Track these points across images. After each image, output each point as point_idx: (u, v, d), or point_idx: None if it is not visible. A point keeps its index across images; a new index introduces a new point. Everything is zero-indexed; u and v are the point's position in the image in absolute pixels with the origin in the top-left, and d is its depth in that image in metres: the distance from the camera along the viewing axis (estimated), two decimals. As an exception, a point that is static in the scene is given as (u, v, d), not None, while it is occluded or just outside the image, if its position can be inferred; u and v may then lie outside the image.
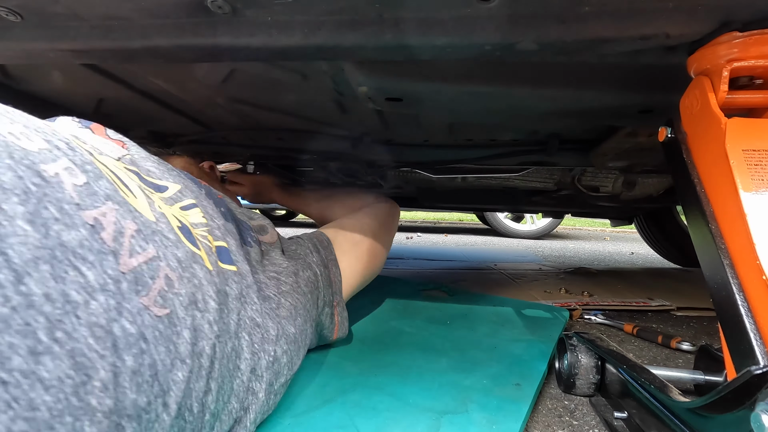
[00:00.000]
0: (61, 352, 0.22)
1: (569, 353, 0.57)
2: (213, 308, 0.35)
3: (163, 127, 0.91)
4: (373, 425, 0.44)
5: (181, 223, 0.37)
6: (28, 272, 0.22)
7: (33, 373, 0.20)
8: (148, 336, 0.27)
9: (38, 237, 0.23)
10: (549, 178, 1.13)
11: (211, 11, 0.40)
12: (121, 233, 0.29)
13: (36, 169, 0.25)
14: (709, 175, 0.38)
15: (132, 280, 0.28)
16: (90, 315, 0.24)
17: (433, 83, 0.60)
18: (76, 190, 0.27)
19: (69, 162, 0.29)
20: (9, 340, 0.20)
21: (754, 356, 0.30)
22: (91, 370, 0.23)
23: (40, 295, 0.22)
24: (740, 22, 0.37)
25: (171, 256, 0.32)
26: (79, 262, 0.25)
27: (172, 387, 0.29)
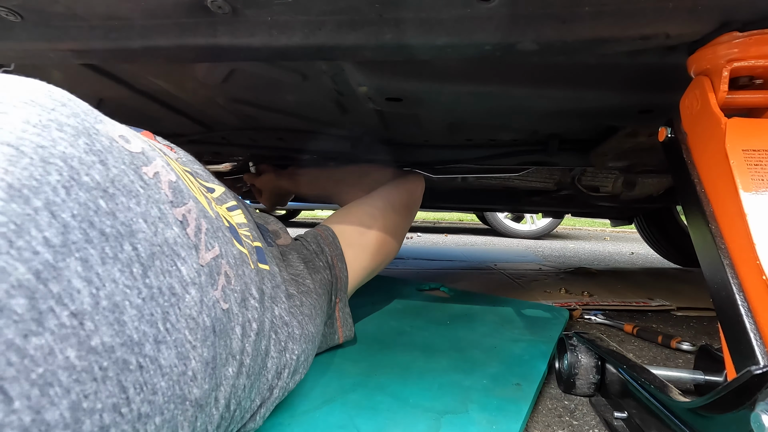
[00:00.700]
0: (170, 341, 0.24)
1: (569, 353, 0.57)
2: (255, 307, 0.36)
3: (163, 127, 0.91)
4: (373, 425, 0.44)
5: (229, 224, 0.39)
6: (150, 266, 0.24)
7: (156, 360, 0.22)
8: (217, 329, 0.29)
9: (151, 234, 0.25)
10: (549, 178, 1.13)
11: (211, 11, 0.40)
12: (200, 229, 0.30)
13: (139, 173, 0.27)
14: (709, 175, 0.38)
15: (208, 274, 0.29)
16: (186, 307, 0.26)
17: (433, 83, 0.60)
18: (171, 187, 0.29)
19: (162, 161, 0.30)
20: (143, 329, 0.22)
21: (754, 356, 0.30)
22: (187, 360, 0.25)
23: (157, 288, 0.24)
24: (740, 22, 0.37)
25: (230, 254, 0.34)
26: (175, 257, 0.26)
27: (223, 382, 0.30)
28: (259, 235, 0.47)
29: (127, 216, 0.24)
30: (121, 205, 0.24)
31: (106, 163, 0.24)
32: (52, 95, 0.26)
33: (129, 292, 0.22)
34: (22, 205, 0.19)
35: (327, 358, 0.61)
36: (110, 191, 0.23)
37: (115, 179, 0.24)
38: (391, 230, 0.72)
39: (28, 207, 0.19)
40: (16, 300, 0.17)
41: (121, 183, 0.25)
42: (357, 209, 0.73)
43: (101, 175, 0.23)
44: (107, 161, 0.25)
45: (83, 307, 0.19)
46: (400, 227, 0.76)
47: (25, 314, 0.17)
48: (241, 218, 0.44)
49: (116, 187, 0.24)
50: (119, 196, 0.24)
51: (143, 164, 0.28)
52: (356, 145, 0.93)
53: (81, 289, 0.20)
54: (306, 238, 0.62)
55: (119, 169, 0.25)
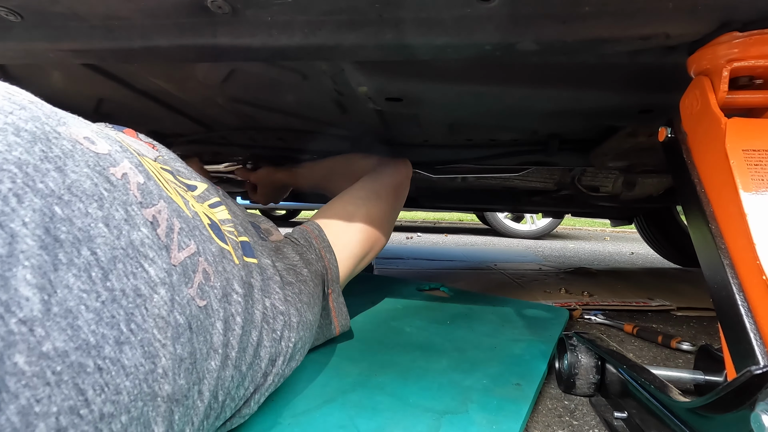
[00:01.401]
0: (135, 341, 0.24)
1: (569, 353, 0.57)
2: (238, 301, 0.37)
3: (163, 127, 0.91)
4: (373, 425, 0.44)
5: (211, 221, 0.40)
6: (111, 269, 0.24)
7: (118, 360, 0.23)
8: (193, 325, 0.29)
9: (113, 238, 0.25)
10: (549, 178, 1.13)
11: (211, 11, 0.40)
12: (171, 229, 0.31)
13: (105, 175, 0.27)
14: (709, 175, 0.38)
15: (181, 273, 0.30)
16: (153, 307, 0.26)
17: (433, 83, 0.60)
18: (139, 189, 0.30)
19: (130, 164, 0.31)
20: (102, 331, 0.23)
21: (754, 356, 0.30)
22: (156, 358, 0.26)
23: (119, 290, 0.24)
24: (740, 22, 0.37)
25: (208, 252, 0.35)
26: (142, 258, 0.27)
27: (206, 375, 0.31)
28: (247, 229, 0.48)
29: (85, 221, 0.24)
30: (78, 211, 0.24)
31: (62, 170, 0.24)
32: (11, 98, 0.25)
33: (85, 297, 0.22)
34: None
35: (327, 357, 0.61)
36: (65, 198, 0.24)
37: (72, 185, 0.24)
38: (376, 217, 0.73)
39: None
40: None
41: (81, 188, 0.25)
42: (339, 200, 0.74)
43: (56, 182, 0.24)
44: (65, 167, 0.25)
45: (33, 314, 0.20)
46: (385, 213, 0.76)
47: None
48: (225, 214, 0.45)
49: (73, 192, 0.24)
50: (76, 202, 0.24)
51: (110, 165, 0.28)
52: (356, 145, 0.93)
53: (30, 297, 0.20)
54: (294, 235, 0.63)
55: (80, 173, 0.25)
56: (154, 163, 0.39)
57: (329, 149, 0.98)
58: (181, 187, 0.41)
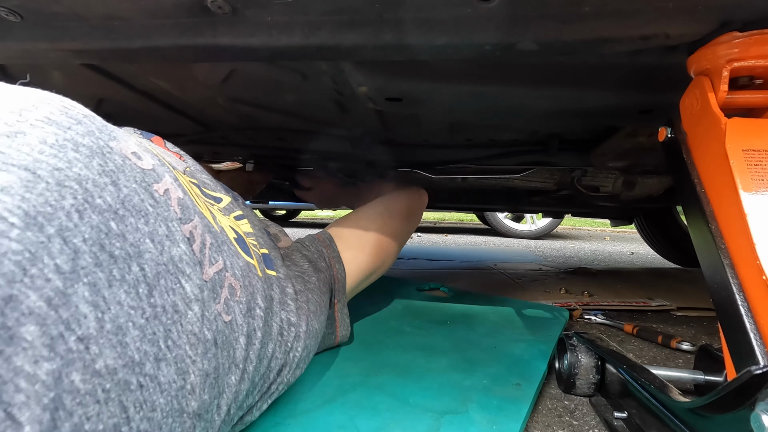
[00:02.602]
0: (171, 358, 0.24)
1: (569, 353, 0.57)
2: (260, 315, 0.37)
3: (163, 127, 0.91)
4: (373, 425, 0.44)
5: (237, 234, 0.40)
6: (155, 285, 0.25)
7: (156, 378, 0.23)
8: (219, 341, 0.29)
9: (157, 253, 0.26)
10: (549, 179, 1.13)
11: (211, 11, 0.40)
12: (204, 245, 0.31)
13: (150, 191, 0.27)
14: (709, 175, 0.38)
15: (210, 288, 0.30)
16: (188, 323, 0.26)
17: (433, 83, 0.59)
18: (180, 204, 0.30)
19: (171, 178, 0.31)
20: (145, 348, 0.23)
21: (754, 356, 0.30)
22: (186, 374, 0.26)
23: (161, 307, 0.25)
24: (740, 22, 0.37)
25: (236, 266, 0.34)
26: (180, 274, 0.27)
27: (226, 390, 0.31)
28: (266, 240, 0.48)
29: (136, 237, 0.24)
30: (130, 226, 0.24)
31: (117, 184, 0.25)
32: (68, 112, 0.26)
33: (133, 313, 0.22)
34: (36, 233, 0.19)
35: (327, 358, 0.61)
36: (120, 213, 0.24)
37: (125, 200, 0.25)
38: (389, 234, 0.74)
39: (42, 234, 0.19)
40: (26, 327, 0.18)
41: (131, 203, 0.25)
42: (354, 215, 0.75)
43: (113, 196, 0.24)
44: (119, 181, 0.25)
45: (89, 331, 0.20)
46: (397, 232, 0.77)
47: (35, 341, 0.18)
48: (248, 227, 0.45)
49: (126, 207, 0.24)
50: (129, 217, 0.24)
51: (154, 181, 0.28)
52: (356, 145, 0.93)
53: (87, 314, 0.20)
54: (305, 242, 0.63)
55: (130, 188, 0.26)
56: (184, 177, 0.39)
57: (329, 149, 0.98)
58: (209, 201, 0.41)
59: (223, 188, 0.48)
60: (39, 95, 0.26)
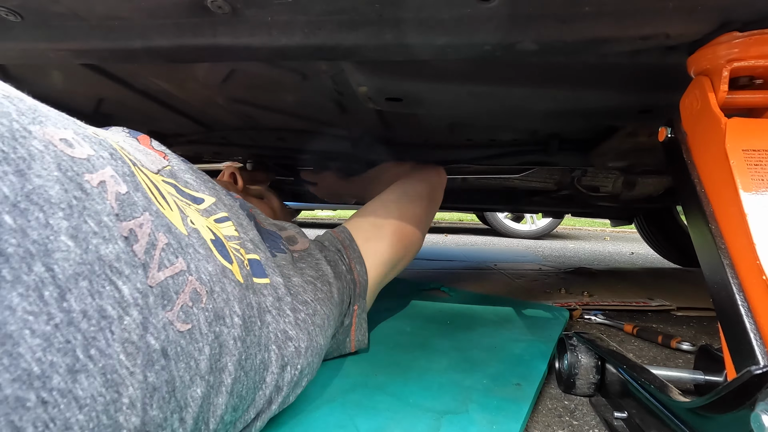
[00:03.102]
0: (94, 369, 0.22)
1: (569, 353, 0.57)
2: (238, 324, 0.34)
3: (163, 127, 0.91)
4: (373, 425, 0.44)
5: (215, 236, 0.37)
6: (70, 288, 0.22)
7: (70, 392, 0.20)
8: (170, 352, 0.27)
9: (79, 252, 0.23)
10: (549, 179, 1.13)
11: (211, 11, 0.40)
12: (153, 246, 0.28)
13: (78, 181, 0.25)
14: (709, 175, 0.38)
15: (159, 294, 0.27)
16: (123, 331, 0.24)
17: (434, 83, 0.59)
18: (118, 199, 0.27)
19: (113, 170, 0.28)
20: (50, 359, 0.20)
21: (754, 356, 0.30)
22: (122, 387, 0.23)
23: (79, 312, 0.22)
24: (740, 22, 0.37)
25: (202, 270, 0.32)
26: (115, 276, 0.24)
27: (190, 403, 0.28)
28: (258, 245, 0.45)
29: (42, 233, 0.22)
30: (34, 221, 0.21)
31: (24, 174, 0.22)
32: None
33: (32, 320, 0.20)
34: None
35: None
36: (22, 206, 0.21)
37: (33, 192, 0.22)
38: (410, 220, 0.70)
39: None
40: None
41: (44, 196, 0.22)
42: (371, 205, 0.71)
43: (12, 187, 0.21)
44: (28, 170, 0.22)
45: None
46: (418, 216, 0.73)
47: None
48: (231, 231, 0.42)
49: (32, 200, 0.22)
50: (34, 210, 0.22)
51: (86, 171, 0.26)
52: (356, 144, 0.93)
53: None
54: (324, 243, 0.60)
55: (46, 178, 0.23)
56: (154, 175, 0.37)
57: (329, 149, 0.98)
58: (183, 201, 0.38)
59: (209, 189, 0.45)
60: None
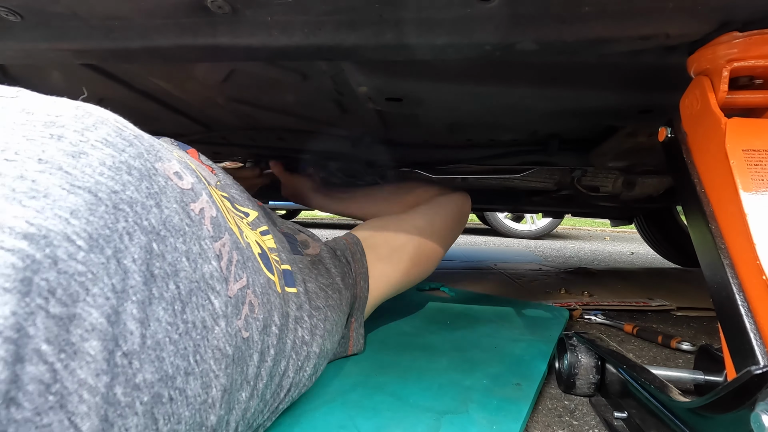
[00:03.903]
0: (198, 372, 0.25)
1: (569, 353, 0.57)
2: (275, 333, 0.37)
3: (163, 127, 0.91)
4: (373, 425, 0.44)
5: (261, 249, 0.40)
6: (188, 302, 0.26)
7: (184, 391, 0.24)
8: (236, 357, 0.30)
9: (190, 271, 0.27)
10: (549, 179, 1.13)
11: (211, 11, 0.40)
12: (231, 261, 0.32)
13: (187, 211, 0.29)
14: (709, 175, 0.38)
15: (234, 305, 0.31)
16: (214, 338, 0.27)
17: (434, 83, 0.59)
18: (212, 223, 0.31)
19: (207, 196, 0.32)
20: (177, 363, 0.24)
21: (754, 356, 0.30)
22: (209, 389, 0.26)
23: (192, 323, 0.25)
24: (740, 22, 0.37)
25: (257, 283, 0.35)
26: (210, 291, 0.28)
27: (235, 406, 0.31)
28: (288, 255, 0.47)
29: (174, 256, 0.25)
30: (169, 246, 0.25)
31: (160, 206, 0.26)
32: (122, 134, 0.27)
33: (170, 329, 0.24)
34: (98, 255, 0.21)
35: (327, 358, 0.61)
36: (162, 234, 0.25)
37: (166, 221, 0.26)
38: (427, 252, 0.69)
39: (102, 256, 0.21)
40: (89, 343, 0.19)
41: (171, 224, 0.26)
42: (394, 224, 0.69)
43: (156, 218, 0.25)
44: (161, 203, 0.26)
45: (133, 347, 0.21)
46: (437, 250, 0.72)
47: (98, 355, 0.19)
48: (272, 243, 0.45)
49: (167, 228, 0.26)
50: (169, 237, 0.26)
51: (191, 201, 0.30)
52: (356, 145, 0.93)
53: (134, 331, 0.21)
54: (336, 251, 0.61)
55: (171, 209, 0.27)
56: (217, 191, 0.40)
57: (329, 149, 0.98)
58: (238, 215, 0.41)
59: (250, 202, 0.48)
60: (97, 115, 0.27)
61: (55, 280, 0.18)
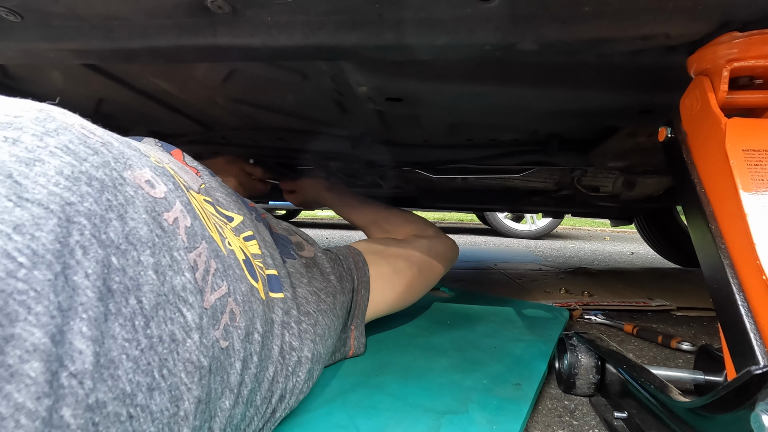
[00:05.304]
0: (164, 387, 0.24)
1: (569, 353, 0.57)
2: (258, 340, 0.36)
3: (163, 127, 0.91)
4: (373, 425, 0.44)
5: (245, 256, 0.39)
6: (152, 317, 0.24)
7: (147, 407, 0.23)
8: (213, 367, 0.29)
9: (158, 284, 0.25)
10: (549, 179, 1.13)
11: (211, 11, 0.40)
12: (207, 272, 0.31)
13: (159, 221, 0.28)
14: (709, 175, 0.38)
15: (210, 315, 0.30)
16: (185, 351, 0.26)
17: (433, 83, 0.59)
18: (186, 232, 0.30)
19: (182, 205, 0.31)
20: (137, 379, 0.23)
21: (754, 356, 0.30)
22: (180, 401, 0.25)
23: (157, 337, 0.24)
24: (740, 22, 0.37)
25: (238, 291, 0.34)
26: (181, 303, 0.27)
27: (218, 414, 0.30)
28: (275, 259, 0.47)
29: (136, 270, 0.24)
30: (131, 260, 0.24)
31: (124, 218, 0.25)
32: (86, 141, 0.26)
33: (127, 346, 0.22)
34: (44, 272, 0.19)
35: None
36: (123, 247, 0.24)
37: (130, 234, 0.25)
38: (417, 283, 0.72)
39: (49, 272, 0.20)
40: (30, 364, 0.18)
41: (137, 236, 0.25)
42: (396, 248, 0.72)
43: (116, 232, 0.24)
44: (125, 215, 0.25)
45: (84, 366, 0.20)
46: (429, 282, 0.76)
47: (39, 377, 0.18)
48: (255, 249, 0.44)
49: (130, 241, 0.25)
50: (131, 250, 0.24)
51: (164, 210, 0.28)
52: (356, 145, 0.93)
53: (83, 350, 0.20)
54: (339, 256, 0.61)
55: (138, 220, 0.26)
56: (198, 196, 0.39)
57: (329, 149, 0.98)
58: (221, 220, 0.40)
59: (236, 205, 0.47)
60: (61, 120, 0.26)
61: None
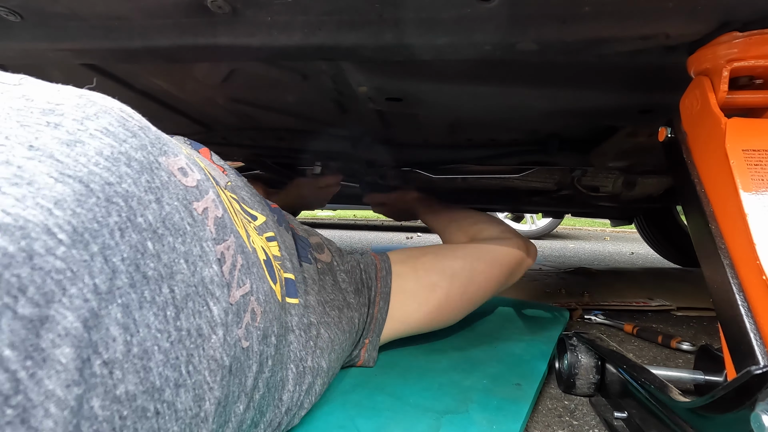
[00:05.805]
0: (189, 384, 0.23)
1: (569, 353, 0.57)
2: (274, 343, 0.35)
3: (163, 126, 0.90)
4: (373, 425, 0.44)
5: (266, 256, 0.38)
6: (183, 308, 0.24)
7: (173, 404, 0.22)
8: (234, 368, 0.28)
9: (188, 274, 0.25)
10: (549, 179, 1.13)
11: (211, 11, 0.40)
12: (234, 266, 0.30)
13: (190, 209, 0.27)
14: (709, 175, 0.38)
15: (235, 312, 0.29)
16: (209, 348, 0.25)
17: (434, 83, 0.59)
18: (215, 223, 0.29)
19: (213, 195, 0.30)
20: (167, 374, 0.22)
21: (754, 356, 0.30)
22: (202, 401, 0.24)
23: (186, 330, 0.23)
24: (740, 22, 0.37)
25: (260, 291, 0.33)
26: (208, 297, 0.26)
27: (232, 418, 0.29)
28: (294, 263, 0.45)
29: (171, 257, 0.24)
30: (167, 246, 0.24)
31: (160, 202, 0.24)
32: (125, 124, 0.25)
33: (159, 337, 0.22)
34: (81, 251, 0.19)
35: (327, 358, 0.61)
36: (159, 232, 0.23)
37: (166, 218, 0.24)
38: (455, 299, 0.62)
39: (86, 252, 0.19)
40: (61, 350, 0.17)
41: (171, 222, 0.25)
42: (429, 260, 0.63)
43: (154, 215, 0.23)
44: (162, 199, 0.25)
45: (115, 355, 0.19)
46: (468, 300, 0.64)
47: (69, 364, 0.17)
48: (276, 250, 0.43)
49: (166, 226, 0.24)
50: (167, 236, 0.24)
51: (195, 199, 0.28)
52: (356, 144, 0.93)
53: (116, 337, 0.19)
54: (360, 264, 0.58)
55: (172, 206, 0.25)
56: (226, 192, 0.38)
57: (329, 149, 0.98)
58: (246, 218, 0.40)
59: (260, 205, 0.46)
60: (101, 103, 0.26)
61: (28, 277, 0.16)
